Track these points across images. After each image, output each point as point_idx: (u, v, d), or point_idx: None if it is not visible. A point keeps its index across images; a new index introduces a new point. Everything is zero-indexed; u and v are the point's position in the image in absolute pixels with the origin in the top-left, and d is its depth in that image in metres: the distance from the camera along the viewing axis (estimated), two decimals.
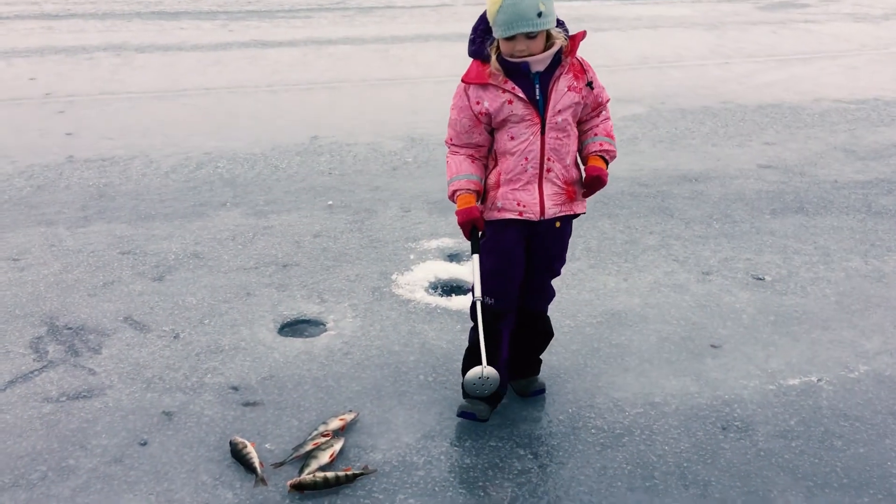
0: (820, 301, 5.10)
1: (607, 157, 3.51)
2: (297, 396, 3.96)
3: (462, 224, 3.48)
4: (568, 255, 3.76)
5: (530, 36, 3.18)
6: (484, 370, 3.36)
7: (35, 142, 8.65)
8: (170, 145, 8.53)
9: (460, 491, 3.28)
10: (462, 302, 5.04)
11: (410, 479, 3.36)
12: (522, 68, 3.27)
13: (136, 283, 5.27)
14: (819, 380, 4.17)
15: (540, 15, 3.13)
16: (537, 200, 3.42)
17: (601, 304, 4.98)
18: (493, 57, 3.28)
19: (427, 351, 4.41)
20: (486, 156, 3.54)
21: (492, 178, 3.51)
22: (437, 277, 5.41)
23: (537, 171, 3.40)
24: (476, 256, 3.49)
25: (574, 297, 5.00)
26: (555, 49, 3.28)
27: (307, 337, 4.61)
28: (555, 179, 3.43)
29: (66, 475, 3.37)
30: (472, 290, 3.47)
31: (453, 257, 5.71)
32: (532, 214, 3.44)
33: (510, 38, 3.19)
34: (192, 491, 3.27)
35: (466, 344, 3.80)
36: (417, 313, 4.86)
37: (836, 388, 4.10)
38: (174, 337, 4.55)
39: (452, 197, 3.50)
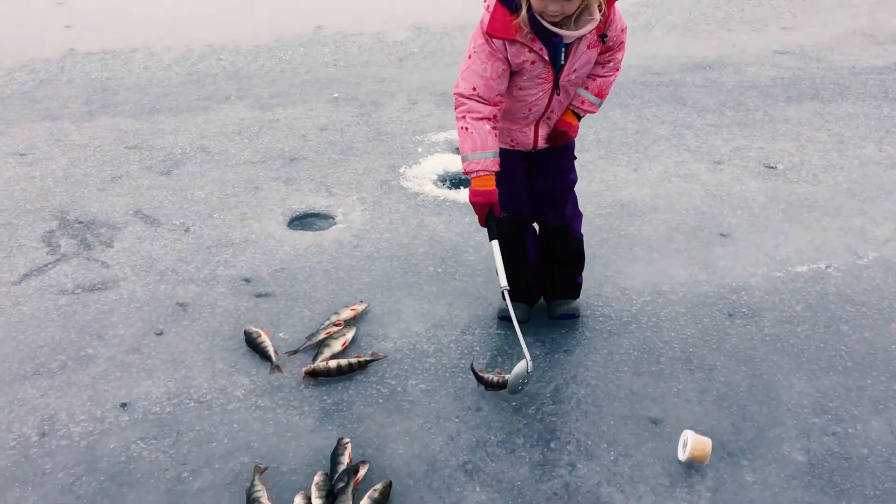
0: (831, 189, 5.06)
1: (582, 115, 3.35)
2: (309, 288, 4.00)
3: (479, 206, 3.19)
4: (578, 146, 3.69)
5: None
6: (529, 365, 3.14)
7: (34, 35, 8.47)
8: (171, 37, 8.35)
9: (470, 376, 3.35)
10: None
11: (421, 365, 3.44)
12: (555, 40, 2.97)
13: (144, 177, 5.26)
14: (827, 266, 4.19)
15: None
16: (531, 140, 3.34)
17: (611, 194, 4.96)
18: (524, 10, 2.88)
19: (436, 243, 4.42)
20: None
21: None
22: (445, 170, 5.38)
23: (537, 119, 3.29)
24: (495, 243, 3.23)
25: (584, 188, 4.93)
26: (589, 28, 2.95)
27: (317, 230, 4.63)
28: (551, 122, 3.34)
29: (86, 364, 3.46)
30: (500, 278, 3.23)
31: None
32: (523, 147, 3.38)
33: None
34: (209, 378, 3.36)
35: (475, 236, 3.79)
36: (426, 206, 4.86)
37: (845, 274, 4.12)
38: (185, 230, 4.57)
39: (470, 172, 3.17)
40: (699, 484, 2.82)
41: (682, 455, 2.89)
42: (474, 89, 3.08)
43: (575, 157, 3.56)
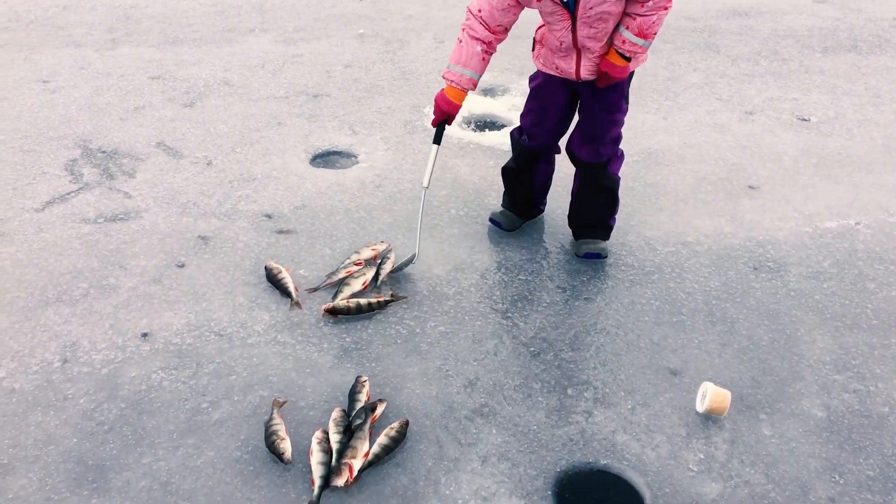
0: (866, 143, 4.93)
1: (626, 55, 3.19)
2: (330, 226, 3.98)
3: (439, 111, 3.41)
4: None
5: None
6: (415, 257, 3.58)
7: None
8: None
9: (489, 319, 3.34)
10: (494, 138, 4.95)
11: (441, 307, 3.43)
12: None
13: (166, 108, 5.21)
14: (857, 223, 4.10)
15: None
16: (573, 69, 3.32)
17: (638, 142, 4.86)
18: None
19: (459, 185, 4.37)
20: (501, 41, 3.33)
21: (537, 34, 3.42)
22: (470, 112, 5.29)
23: (573, 49, 3.26)
24: (435, 147, 3.50)
25: None
26: None
27: (339, 168, 4.59)
28: (591, 55, 3.26)
29: (108, 293, 3.47)
30: (424, 177, 3.52)
31: (487, 92, 5.55)
32: (568, 76, 3.37)
33: None
34: (229, 311, 3.37)
35: (498, 180, 3.76)
36: (449, 148, 4.79)
37: (875, 231, 4.04)
38: (207, 164, 4.54)
39: (445, 79, 3.33)
40: (716, 436, 2.81)
41: (701, 407, 2.88)
42: (479, 11, 3.20)
43: (625, 100, 3.48)
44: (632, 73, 3.41)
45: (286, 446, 2.67)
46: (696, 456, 2.73)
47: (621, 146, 3.64)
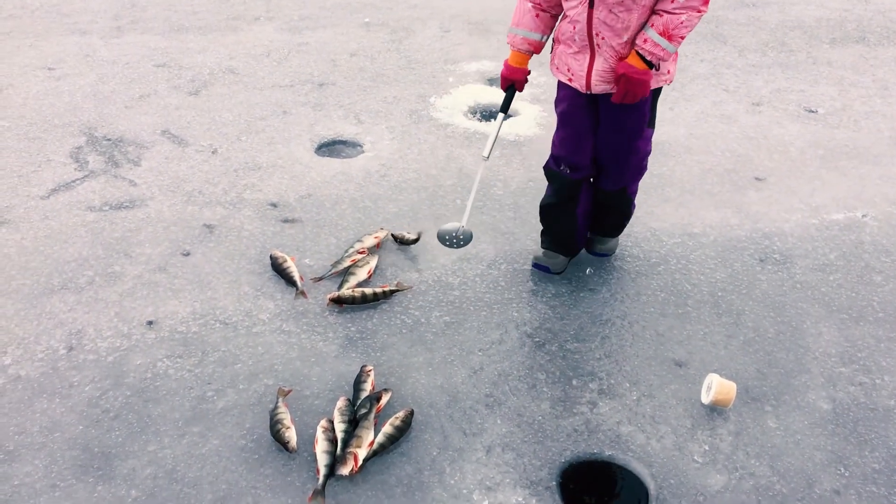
0: (873, 135, 4.91)
1: (648, 57, 2.87)
2: (335, 215, 3.98)
3: (503, 78, 3.25)
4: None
5: None
6: (461, 228, 3.37)
7: None
8: None
9: (494, 310, 3.34)
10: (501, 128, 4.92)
11: (446, 297, 3.42)
12: None
13: (172, 96, 5.21)
14: (864, 215, 4.09)
15: None
16: (584, 73, 3.02)
17: None
18: None
19: (464, 175, 4.36)
20: (559, 4, 3.06)
21: (557, 30, 3.12)
22: (476, 101, 5.27)
23: (586, 42, 2.96)
24: (501, 116, 3.28)
25: None
26: None
27: (344, 157, 4.58)
28: (607, 55, 2.95)
29: (113, 281, 3.48)
30: (485, 148, 3.29)
31: (493, 81, 5.53)
32: (579, 86, 3.08)
33: None
34: (234, 300, 3.37)
35: (504, 170, 3.73)
36: (455, 137, 4.78)
37: (881, 224, 4.02)
38: (212, 152, 4.54)
39: (509, 44, 3.19)
40: (721, 427, 2.81)
41: (706, 398, 2.87)
42: None
43: (649, 124, 3.19)
44: (656, 91, 3.12)
45: (291, 435, 2.67)
46: (702, 447, 2.73)
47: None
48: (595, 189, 3.46)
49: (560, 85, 3.23)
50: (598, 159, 3.31)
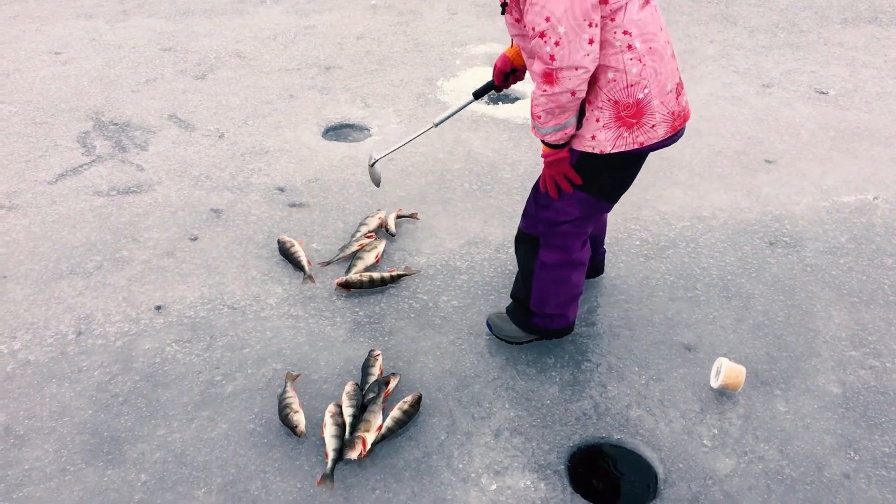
0: (885, 117, 4.86)
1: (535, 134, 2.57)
2: (343, 200, 3.96)
3: (494, 70, 3.00)
4: None
5: None
6: (372, 160, 3.44)
7: None
8: None
9: (503, 294, 3.33)
10: (508, 111, 4.90)
11: (454, 282, 3.41)
12: None
13: (178, 80, 5.19)
14: (875, 198, 4.05)
15: None
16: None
17: None
18: None
19: (472, 159, 4.34)
20: None
21: None
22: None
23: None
24: (470, 98, 3.11)
25: None
26: None
27: (351, 141, 4.56)
28: (524, 73, 2.90)
29: (121, 265, 3.48)
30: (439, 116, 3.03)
31: None
32: None
33: None
34: (242, 285, 3.37)
35: (512, 153, 3.66)
36: (463, 121, 4.75)
37: (893, 206, 3.98)
38: (219, 136, 4.53)
39: None
40: (730, 411, 2.80)
41: (715, 382, 2.86)
42: None
43: (579, 191, 2.63)
44: (583, 156, 2.54)
45: (300, 419, 2.68)
46: (711, 431, 2.72)
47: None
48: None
49: None
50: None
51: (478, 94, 3.11)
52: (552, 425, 2.73)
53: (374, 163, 3.49)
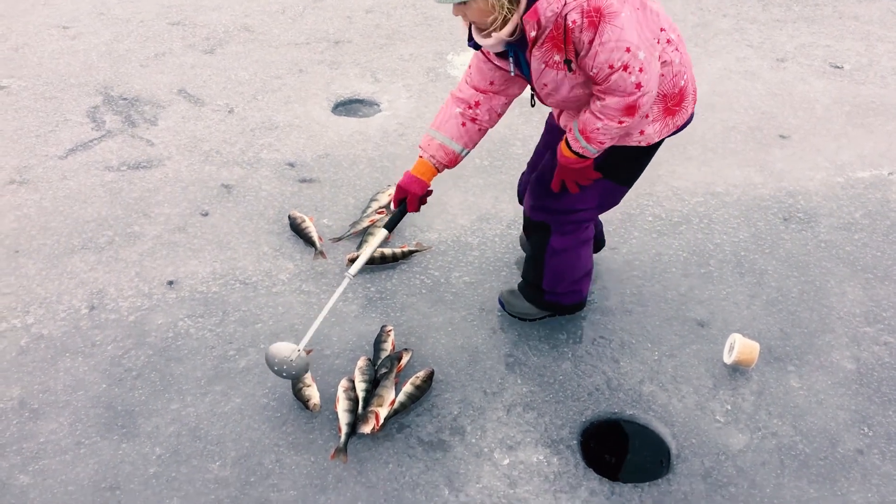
0: None
1: (573, 147, 2.49)
2: (353, 175, 3.95)
3: (396, 190, 2.76)
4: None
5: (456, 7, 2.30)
6: (296, 354, 2.61)
7: None
8: None
9: (514, 270, 3.32)
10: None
11: (465, 258, 3.40)
12: (469, 44, 2.48)
13: (187, 55, 5.16)
14: (890, 173, 4.01)
15: None
16: (556, 113, 2.82)
17: None
18: None
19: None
20: (505, 104, 2.69)
21: None
22: None
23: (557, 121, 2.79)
24: (384, 233, 2.76)
25: None
26: (488, 42, 2.34)
27: (361, 116, 4.53)
28: (571, 116, 2.65)
29: (133, 241, 3.48)
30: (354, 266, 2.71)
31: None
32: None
33: None
34: (254, 260, 3.37)
35: (523, 129, 3.63)
36: None
37: None
38: (229, 111, 4.50)
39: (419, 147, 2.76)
40: (743, 387, 2.79)
41: (728, 358, 2.86)
42: (469, 67, 2.67)
43: (597, 186, 2.67)
44: (627, 150, 2.59)
45: (313, 393, 2.68)
46: (724, 407, 2.72)
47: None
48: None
49: None
50: (533, 171, 2.94)
51: (390, 227, 2.77)
52: (565, 401, 2.73)
53: (300, 353, 2.64)
